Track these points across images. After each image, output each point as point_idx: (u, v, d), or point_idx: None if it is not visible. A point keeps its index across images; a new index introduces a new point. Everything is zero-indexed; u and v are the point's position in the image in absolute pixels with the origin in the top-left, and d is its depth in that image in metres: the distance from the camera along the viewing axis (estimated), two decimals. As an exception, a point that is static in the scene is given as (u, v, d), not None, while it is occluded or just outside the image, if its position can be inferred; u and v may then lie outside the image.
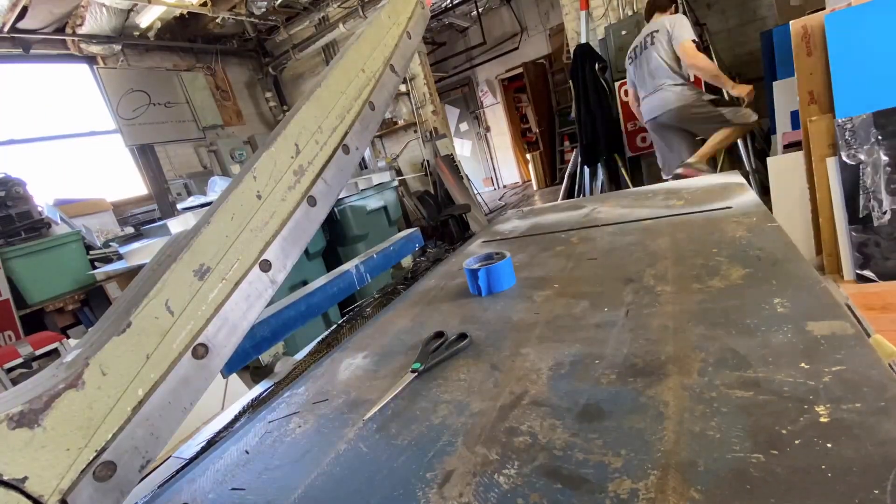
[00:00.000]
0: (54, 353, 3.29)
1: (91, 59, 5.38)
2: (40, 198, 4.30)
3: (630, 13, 4.46)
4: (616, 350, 0.68)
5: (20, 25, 4.61)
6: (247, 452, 0.70)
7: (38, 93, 5.15)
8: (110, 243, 4.32)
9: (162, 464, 0.81)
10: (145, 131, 5.57)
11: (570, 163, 5.28)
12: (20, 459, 0.42)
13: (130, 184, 5.65)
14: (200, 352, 0.58)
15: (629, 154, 4.60)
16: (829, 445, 0.42)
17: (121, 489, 0.48)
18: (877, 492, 0.36)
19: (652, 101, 3.28)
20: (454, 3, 7.98)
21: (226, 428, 0.86)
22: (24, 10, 4.35)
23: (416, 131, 6.68)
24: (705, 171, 2.88)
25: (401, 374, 0.78)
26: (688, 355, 0.61)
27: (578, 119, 4.62)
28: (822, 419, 0.45)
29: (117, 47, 5.42)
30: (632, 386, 0.58)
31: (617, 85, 4.45)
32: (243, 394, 1.01)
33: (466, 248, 1.53)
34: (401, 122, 6.67)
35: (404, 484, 0.53)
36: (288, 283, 2.56)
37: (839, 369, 0.51)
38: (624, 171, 4.54)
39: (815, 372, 0.51)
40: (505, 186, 10.74)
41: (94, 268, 3.96)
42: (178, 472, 0.74)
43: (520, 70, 9.21)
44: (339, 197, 2.74)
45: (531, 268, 1.15)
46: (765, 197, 2.83)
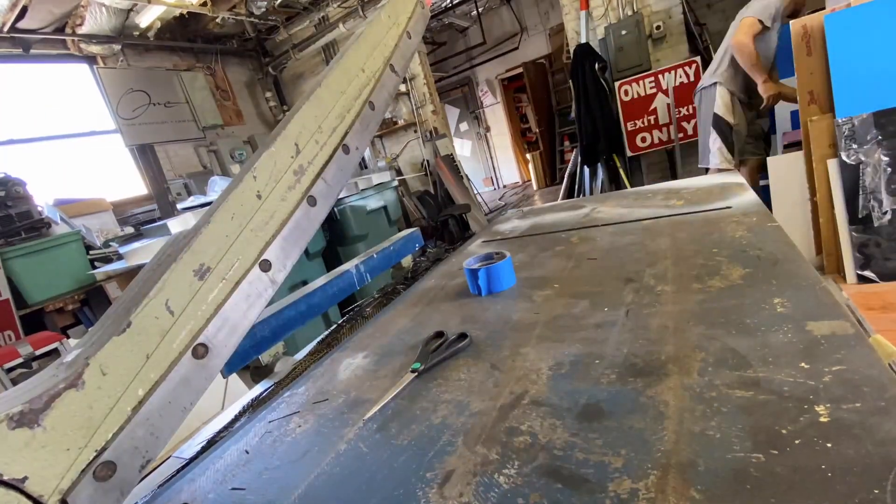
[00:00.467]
0: (54, 353, 3.29)
1: (91, 59, 5.38)
2: (40, 198, 4.29)
3: (630, 13, 4.46)
4: (616, 350, 0.68)
5: (20, 25, 4.61)
6: (247, 452, 0.70)
7: (38, 93, 5.15)
8: (110, 243, 4.32)
9: (162, 464, 0.81)
10: (145, 131, 5.56)
11: (570, 163, 5.28)
12: (20, 459, 0.42)
13: (130, 184, 5.65)
14: (200, 352, 0.58)
15: (629, 154, 4.61)
16: (829, 445, 0.42)
17: (121, 489, 0.48)
18: (877, 492, 0.36)
19: (705, 96, 3.13)
20: (454, 2, 7.98)
21: (226, 428, 0.86)
22: (24, 9, 4.35)
23: (416, 131, 6.68)
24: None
25: (401, 374, 0.78)
26: (688, 355, 0.61)
27: (578, 119, 4.62)
28: (822, 419, 0.45)
29: (117, 47, 5.43)
30: (632, 386, 0.58)
31: (617, 85, 4.45)
32: (243, 394, 1.01)
33: (466, 247, 1.53)
34: (401, 122, 6.67)
35: (404, 484, 0.53)
36: (288, 283, 2.55)
37: (839, 369, 0.51)
38: (623, 171, 4.54)
39: (816, 372, 0.51)
40: (505, 186, 10.74)
41: (94, 268, 3.95)
42: (178, 472, 0.74)
43: (520, 70, 9.21)
44: (339, 197, 2.74)
45: (531, 268, 1.15)
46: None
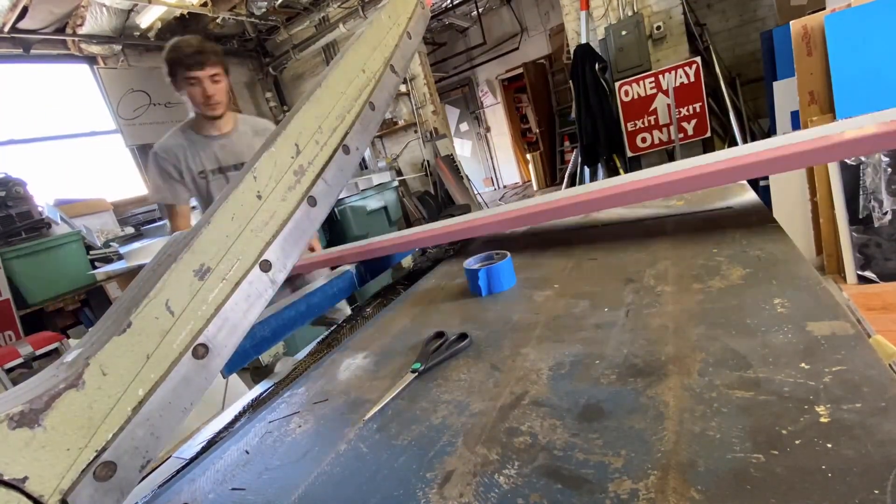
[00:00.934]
0: (54, 353, 3.29)
1: (91, 59, 5.38)
2: (40, 198, 4.29)
3: (630, 13, 4.46)
4: (616, 350, 0.68)
5: (20, 25, 4.61)
6: (247, 452, 0.70)
7: (39, 93, 5.14)
8: (110, 243, 4.32)
9: (162, 464, 0.81)
10: (145, 131, 5.56)
11: (570, 163, 5.28)
12: (20, 459, 0.42)
13: (130, 184, 5.65)
14: (201, 352, 0.58)
15: (629, 154, 4.61)
16: (829, 445, 0.42)
17: (121, 489, 0.48)
18: (877, 492, 0.36)
19: None
20: (454, 3, 7.98)
21: (226, 428, 0.86)
22: (25, 10, 4.35)
23: (416, 131, 6.68)
24: None
25: (401, 374, 0.78)
26: (688, 355, 0.61)
27: (578, 119, 4.62)
28: (822, 419, 0.45)
29: (117, 47, 5.43)
30: (632, 386, 0.58)
31: (617, 85, 4.45)
32: (243, 394, 1.01)
33: (466, 248, 1.53)
34: (401, 123, 6.67)
35: (404, 484, 0.53)
36: (288, 283, 2.54)
37: (839, 369, 0.51)
38: (623, 172, 4.54)
39: (816, 372, 0.51)
40: (505, 186, 10.73)
41: (95, 268, 3.96)
42: (178, 472, 0.74)
43: (520, 70, 9.21)
44: (340, 197, 2.74)
45: (531, 268, 1.15)
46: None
